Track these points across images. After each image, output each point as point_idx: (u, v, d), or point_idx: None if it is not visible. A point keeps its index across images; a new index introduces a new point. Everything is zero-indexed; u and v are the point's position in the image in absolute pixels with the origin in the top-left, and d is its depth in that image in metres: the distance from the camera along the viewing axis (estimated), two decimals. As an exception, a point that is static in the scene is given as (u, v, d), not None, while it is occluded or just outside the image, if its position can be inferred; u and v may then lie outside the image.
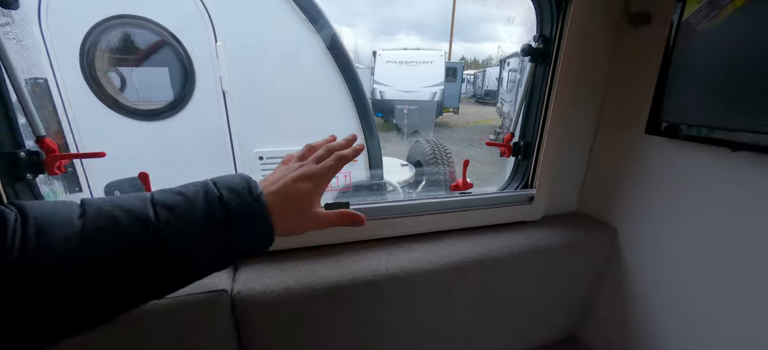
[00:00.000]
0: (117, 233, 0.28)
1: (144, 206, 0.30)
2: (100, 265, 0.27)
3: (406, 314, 0.67)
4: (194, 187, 0.33)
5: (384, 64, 8.71)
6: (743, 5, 0.52)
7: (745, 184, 0.59)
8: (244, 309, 0.53)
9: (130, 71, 1.33)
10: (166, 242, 0.29)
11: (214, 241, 0.32)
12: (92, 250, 0.27)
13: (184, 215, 0.31)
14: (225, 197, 0.33)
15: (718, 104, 0.57)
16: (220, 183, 0.34)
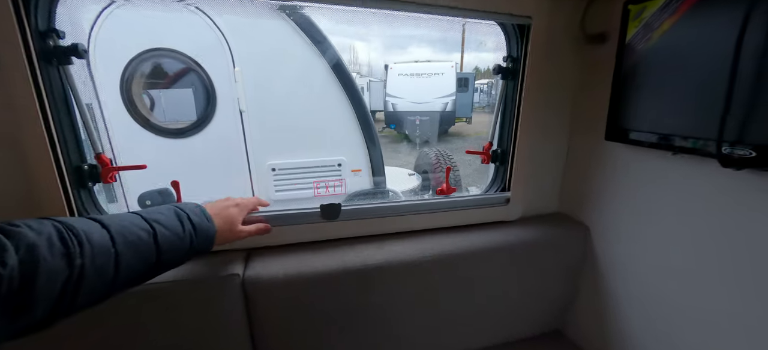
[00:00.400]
0: (136, 239, 0.44)
1: (147, 226, 0.46)
2: (119, 256, 0.41)
3: (392, 300, 0.76)
4: (169, 209, 0.52)
5: (396, 77, 8.89)
6: (668, 29, 0.61)
7: (685, 184, 0.66)
8: (252, 290, 0.65)
9: (159, 94, 1.52)
10: (159, 245, 0.46)
11: (185, 246, 0.50)
12: (118, 248, 0.41)
13: (169, 227, 0.48)
14: (192, 218, 0.52)
15: (657, 112, 0.65)
16: (186, 208, 0.54)
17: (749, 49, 0.50)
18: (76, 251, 0.37)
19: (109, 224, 0.42)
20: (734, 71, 0.51)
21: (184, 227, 0.50)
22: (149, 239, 0.45)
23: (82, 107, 0.63)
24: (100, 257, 0.39)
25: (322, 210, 0.74)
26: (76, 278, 0.36)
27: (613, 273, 0.84)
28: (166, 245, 0.47)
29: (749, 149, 0.52)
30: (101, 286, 0.40)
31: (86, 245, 0.38)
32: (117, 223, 0.43)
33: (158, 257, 0.46)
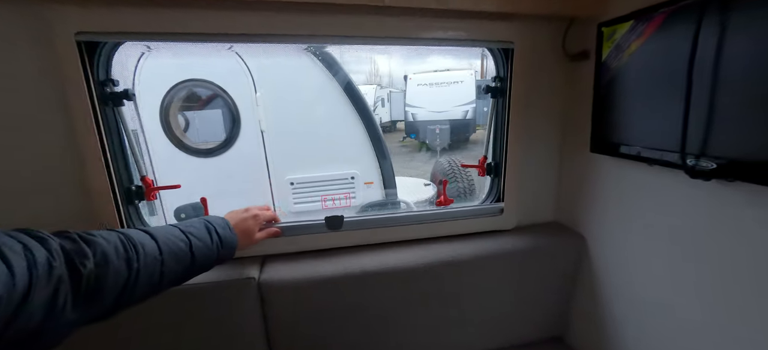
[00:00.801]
0: (176, 249, 0.54)
1: (184, 237, 0.56)
2: (164, 263, 0.51)
3: (393, 304, 0.84)
4: (200, 222, 0.62)
5: (415, 88, 8.97)
6: (636, 50, 0.66)
7: (664, 194, 0.70)
8: (266, 291, 0.75)
9: (193, 115, 1.70)
10: (194, 254, 0.56)
11: (213, 255, 0.60)
12: (164, 256, 0.52)
13: (201, 239, 0.58)
14: (218, 231, 0.62)
15: (632, 126, 0.70)
16: (213, 221, 0.63)
17: (702, 67, 0.54)
18: (134, 257, 0.47)
19: (157, 236, 0.52)
20: (689, 89, 0.56)
21: (212, 238, 0.60)
22: (186, 249, 0.55)
23: (131, 139, 0.76)
24: (151, 263, 0.49)
25: (326, 222, 0.84)
26: (133, 279, 0.46)
27: (609, 280, 0.87)
28: (198, 254, 0.57)
29: (711, 161, 0.56)
30: (150, 286, 0.50)
31: (141, 252, 0.48)
32: (162, 235, 0.53)
33: (192, 264, 0.56)
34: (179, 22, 0.66)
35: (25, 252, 0.34)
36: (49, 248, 0.37)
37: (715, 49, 0.53)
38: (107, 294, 0.43)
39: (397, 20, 0.74)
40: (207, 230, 0.61)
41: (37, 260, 0.34)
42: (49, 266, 0.35)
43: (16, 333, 0.32)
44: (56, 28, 0.62)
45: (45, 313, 0.35)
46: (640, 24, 0.65)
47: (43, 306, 0.35)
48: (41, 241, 0.37)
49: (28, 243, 0.35)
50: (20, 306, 0.32)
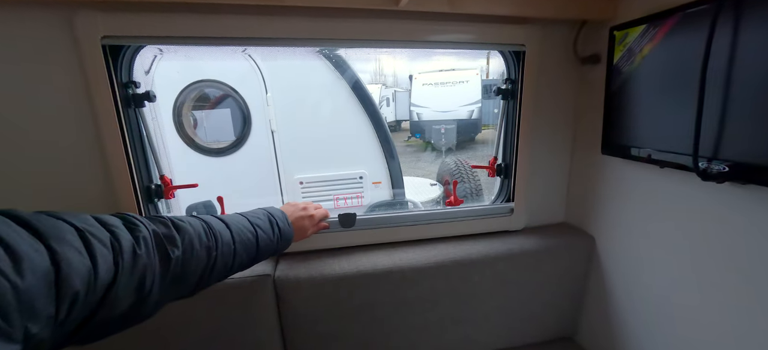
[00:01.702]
0: (246, 239, 0.56)
1: (252, 228, 0.58)
2: (236, 252, 0.54)
3: (402, 302, 0.85)
4: (265, 215, 0.64)
5: (420, 87, 8.95)
6: (648, 53, 0.67)
7: (675, 196, 0.70)
8: (282, 288, 0.77)
9: (202, 115, 1.73)
10: (259, 245, 0.59)
11: (273, 246, 0.62)
12: (236, 245, 0.54)
13: (265, 231, 0.61)
14: (279, 224, 0.64)
15: (643, 128, 0.70)
16: (275, 214, 0.66)
17: (715, 70, 0.55)
18: (213, 245, 0.49)
19: (231, 226, 0.54)
20: (702, 91, 0.56)
21: (274, 231, 0.63)
22: (254, 239, 0.58)
23: (151, 140, 0.79)
24: (226, 252, 0.52)
25: (340, 219, 0.85)
26: (211, 264, 0.49)
27: (619, 281, 0.88)
28: (263, 245, 0.59)
29: (724, 164, 0.56)
30: (224, 271, 0.53)
31: (219, 241, 0.50)
32: (235, 225, 0.56)
33: (257, 253, 0.59)
34: (198, 26, 0.68)
35: (112, 242, 0.34)
36: (137, 235, 0.38)
37: (728, 51, 0.53)
38: (189, 278, 0.46)
39: (410, 24, 0.76)
40: (270, 223, 0.63)
41: (123, 248, 0.35)
42: (133, 254, 0.36)
43: (104, 318, 0.34)
44: (83, 33, 0.65)
45: (133, 299, 0.37)
46: (653, 27, 0.65)
47: (131, 292, 0.36)
48: (132, 228, 0.38)
49: (116, 231, 0.36)
50: (106, 295, 0.33)
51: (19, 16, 0.64)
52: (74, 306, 0.29)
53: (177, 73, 1.48)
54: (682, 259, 0.70)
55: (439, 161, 7.12)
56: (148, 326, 0.73)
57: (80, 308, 0.30)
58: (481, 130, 9.07)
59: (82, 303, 0.30)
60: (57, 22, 0.65)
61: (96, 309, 0.33)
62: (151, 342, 0.75)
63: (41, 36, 0.65)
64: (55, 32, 0.65)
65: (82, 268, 0.30)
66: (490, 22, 0.78)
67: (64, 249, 0.29)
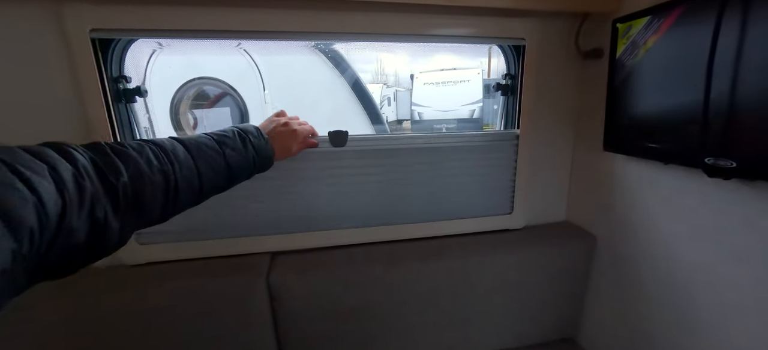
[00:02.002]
0: (211, 159, 0.52)
1: (218, 147, 0.54)
2: (201, 173, 0.50)
3: (399, 302, 0.83)
4: (234, 132, 0.58)
5: (421, 87, 8.91)
6: (652, 46, 0.65)
7: (679, 193, 0.68)
8: (275, 287, 0.76)
9: (201, 114, 1.72)
10: (229, 163, 0.54)
11: (249, 165, 0.58)
12: (199, 166, 0.50)
13: (235, 148, 0.56)
14: (252, 140, 0.59)
15: (647, 124, 0.68)
16: (247, 129, 0.61)
17: (722, 64, 0.53)
18: (169, 169, 0.45)
19: (189, 146, 0.50)
20: (709, 85, 0.54)
21: (247, 147, 0.58)
22: (221, 158, 0.53)
23: (142, 135, 0.77)
24: (188, 174, 0.48)
25: (330, 136, 0.80)
26: (173, 190, 0.45)
27: (621, 281, 0.85)
28: (234, 164, 0.55)
29: (731, 160, 0.54)
30: (191, 194, 0.49)
31: (175, 163, 0.46)
32: (195, 144, 0.51)
33: (230, 174, 0.55)
34: (190, 18, 0.66)
35: (51, 174, 0.32)
36: (76, 164, 0.35)
37: (736, 42, 0.51)
38: (149, 205, 0.42)
39: (408, 17, 0.74)
40: (241, 139, 0.58)
41: (64, 179, 0.32)
42: (77, 184, 0.33)
43: (64, 251, 0.32)
44: (71, 25, 0.63)
45: (88, 229, 0.34)
46: (657, 19, 0.63)
47: (84, 223, 0.34)
48: (68, 157, 0.35)
49: (53, 161, 0.33)
50: (58, 230, 0.31)
51: (5, 9, 0.62)
52: (32, 240, 0.28)
53: (169, 69, 1.47)
54: (687, 258, 0.68)
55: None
56: (138, 325, 0.72)
57: (38, 241, 0.29)
58: (483, 128, 9.06)
59: (39, 237, 0.29)
60: (45, 15, 0.63)
61: (53, 240, 0.31)
62: (140, 342, 0.74)
63: (29, 29, 0.64)
64: (43, 25, 0.64)
65: (26, 203, 0.28)
66: (490, 15, 0.76)
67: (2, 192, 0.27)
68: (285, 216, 0.82)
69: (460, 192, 0.90)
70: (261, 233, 0.82)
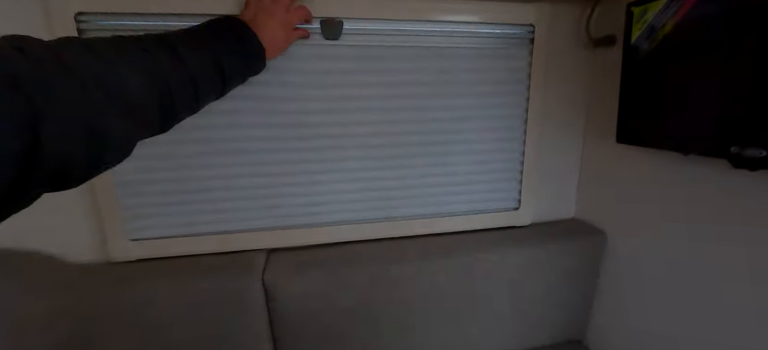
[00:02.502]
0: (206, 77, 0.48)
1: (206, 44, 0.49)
2: (200, 83, 0.47)
3: (401, 300, 0.79)
4: (211, 28, 0.52)
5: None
6: (671, 29, 0.60)
7: (700, 186, 0.64)
8: (271, 286, 0.72)
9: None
10: (225, 78, 0.51)
11: (243, 72, 0.55)
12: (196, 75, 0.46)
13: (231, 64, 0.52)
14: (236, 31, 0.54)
15: (665, 113, 0.64)
16: (227, 22, 0.54)
17: (748, 44, 0.49)
18: (162, 76, 0.42)
19: (176, 52, 0.44)
20: (736, 68, 0.50)
21: (217, 31, 0.52)
22: (217, 75, 0.49)
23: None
24: (182, 82, 0.44)
25: (322, 26, 0.69)
26: (167, 100, 0.42)
27: (634, 281, 0.81)
28: (230, 73, 0.51)
29: (761, 149, 0.50)
30: (190, 103, 0.47)
31: (168, 72, 0.42)
32: (181, 47, 0.45)
33: (224, 84, 0.51)
34: (181, 2, 0.63)
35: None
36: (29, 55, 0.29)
37: (766, 17, 0.47)
38: (142, 112, 0.39)
39: (413, 2, 0.70)
40: (225, 37, 0.52)
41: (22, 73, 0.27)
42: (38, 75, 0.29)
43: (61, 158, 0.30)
44: (56, 9, 0.60)
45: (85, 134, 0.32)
46: (676, 1, 0.59)
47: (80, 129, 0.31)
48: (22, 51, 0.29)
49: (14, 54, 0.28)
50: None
51: (-14, -10, 0.59)
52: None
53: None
54: (707, 258, 0.64)
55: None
56: (129, 323, 0.69)
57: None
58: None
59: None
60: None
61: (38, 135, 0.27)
62: (131, 341, 0.70)
63: (12, 11, 0.61)
64: (26, 8, 0.61)
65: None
66: (497, 0, 0.72)
67: None
68: (282, 201, 0.79)
69: (464, 186, 0.86)
70: (256, 228, 0.79)
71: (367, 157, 0.79)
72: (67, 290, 0.68)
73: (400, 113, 0.78)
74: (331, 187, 0.80)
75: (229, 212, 0.77)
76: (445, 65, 0.77)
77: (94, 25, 0.63)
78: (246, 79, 0.57)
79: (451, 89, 0.78)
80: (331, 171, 0.79)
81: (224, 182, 0.75)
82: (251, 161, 0.75)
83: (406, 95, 0.77)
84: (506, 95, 0.81)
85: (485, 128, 0.82)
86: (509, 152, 0.86)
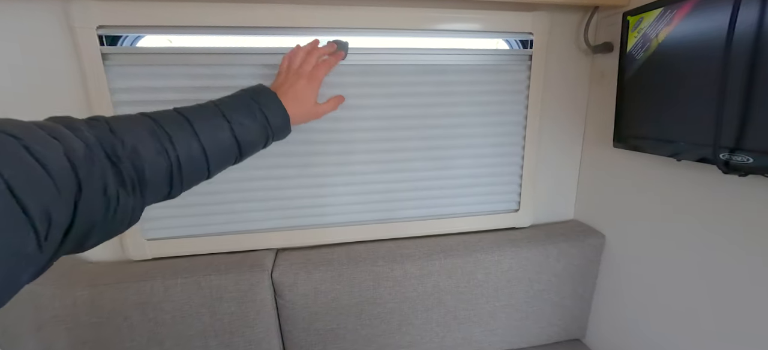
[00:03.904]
0: (218, 143, 0.46)
1: (222, 115, 0.47)
2: (210, 152, 0.45)
3: (403, 300, 0.83)
4: (243, 103, 0.50)
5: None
6: (664, 39, 0.63)
7: (693, 191, 0.66)
8: (279, 284, 0.76)
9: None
10: (239, 142, 0.48)
11: (262, 139, 0.51)
12: (205, 145, 0.45)
13: (241, 117, 0.49)
14: (261, 105, 0.51)
15: (658, 119, 0.66)
16: (256, 91, 0.52)
17: (738, 54, 0.51)
18: (169, 147, 0.42)
19: (192, 119, 0.45)
20: (725, 77, 0.52)
21: (256, 116, 0.50)
22: (227, 134, 0.47)
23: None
24: (188, 151, 0.43)
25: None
26: (175, 166, 0.42)
27: (631, 281, 0.83)
28: (243, 138, 0.48)
29: (747, 155, 0.52)
30: (200, 170, 0.46)
31: (176, 142, 0.42)
32: (197, 117, 0.45)
33: (239, 148, 0.49)
34: (198, 15, 0.67)
35: (66, 153, 0.31)
36: (87, 142, 0.34)
37: (755, 32, 0.49)
38: (157, 182, 0.40)
39: (413, 12, 0.73)
40: (249, 106, 0.50)
41: (78, 157, 0.31)
42: (89, 162, 0.33)
43: (81, 229, 0.31)
44: (79, 22, 0.64)
45: (103, 207, 0.34)
46: (670, 11, 0.61)
47: (99, 201, 0.33)
48: (79, 134, 0.34)
49: (67, 140, 0.31)
50: (76, 206, 0.30)
51: (13, 5, 0.63)
52: (50, 221, 0.28)
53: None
54: (700, 259, 0.66)
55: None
56: (143, 320, 0.73)
57: (56, 222, 0.28)
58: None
59: (56, 217, 0.28)
60: (52, 11, 0.64)
61: (73, 219, 0.30)
62: (145, 337, 0.74)
63: (36, 26, 0.65)
64: (50, 21, 0.65)
65: (42, 180, 0.28)
66: (497, 9, 0.75)
67: (16, 170, 0.26)
68: (290, 202, 0.82)
69: (465, 188, 0.89)
70: (266, 229, 0.82)
71: (371, 162, 0.83)
72: (88, 286, 0.72)
73: (402, 120, 0.81)
74: (337, 190, 0.83)
75: (239, 213, 0.81)
76: (445, 79, 0.80)
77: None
78: (268, 145, 0.54)
79: (452, 97, 0.81)
80: (338, 175, 0.82)
81: (236, 185, 0.79)
82: (262, 166, 0.79)
83: (409, 104, 0.80)
84: (506, 101, 0.84)
85: (486, 133, 0.85)
86: (509, 155, 0.89)
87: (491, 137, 0.86)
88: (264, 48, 0.72)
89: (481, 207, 0.91)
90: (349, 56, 0.73)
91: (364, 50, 0.75)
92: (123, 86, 0.70)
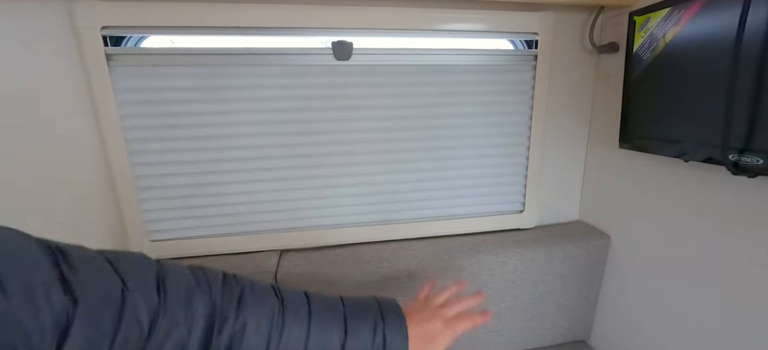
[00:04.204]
0: (326, 332, 0.43)
1: (343, 320, 0.44)
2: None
3: (407, 299, 0.82)
4: (368, 314, 0.47)
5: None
6: (672, 38, 0.62)
7: (700, 192, 0.66)
8: (283, 284, 0.75)
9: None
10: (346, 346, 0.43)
11: (371, 343, 0.45)
12: (309, 338, 0.42)
13: (359, 339, 0.44)
14: (386, 335, 0.45)
15: (666, 119, 0.66)
16: (386, 308, 0.49)
17: (748, 53, 0.51)
18: (275, 336, 0.40)
19: (312, 317, 0.43)
20: (734, 77, 0.52)
21: (376, 336, 0.45)
22: (339, 347, 0.43)
23: (153, 132, 0.78)
24: (291, 346, 0.41)
25: (334, 48, 0.73)
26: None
27: (636, 283, 0.83)
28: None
29: (757, 156, 0.52)
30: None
31: (285, 333, 0.40)
32: (317, 319, 0.43)
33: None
34: (202, 15, 0.66)
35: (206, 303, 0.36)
36: (214, 300, 0.37)
37: (765, 31, 0.49)
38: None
39: (418, 12, 0.73)
40: (373, 322, 0.45)
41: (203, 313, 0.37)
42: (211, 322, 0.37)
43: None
44: (82, 22, 0.64)
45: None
46: (677, 11, 0.61)
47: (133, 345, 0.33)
48: (209, 291, 0.38)
49: (195, 305, 0.36)
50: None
51: (17, 6, 0.63)
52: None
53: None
54: (708, 261, 0.66)
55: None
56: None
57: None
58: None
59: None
60: (56, 12, 0.64)
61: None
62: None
63: (40, 26, 0.65)
64: (54, 21, 0.64)
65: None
66: (502, 9, 0.75)
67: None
68: (294, 204, 0.82)
69: (469, 189, 0.88)
70: (269, 230, 0.82)
71: (375, 162, 0.82)
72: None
73: (406, 121, 0.81)
74: (341, 191, 0.83)
75: (243, 215, 0.80)
76: (449, 79, 0.80)
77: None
78: None
79: (456, 98, 0.81)
80: (341, 176, 0.82)
81: (240, 187, 0.78)
82: (266, 167, 0.78)
83: (413, 105, 0.80)
84: (511, 101, 0.84)
85: (490, 134, 0.85)
86: (514, 156, 0.88)
87: (496, 137, 0.86)
88: (267, 48, 0.72)
89: (485, 208, 0.91)
90: (352, 56, 0.74)
91: (368, 51, 0.75)
92: (127, 86, 0.70)
